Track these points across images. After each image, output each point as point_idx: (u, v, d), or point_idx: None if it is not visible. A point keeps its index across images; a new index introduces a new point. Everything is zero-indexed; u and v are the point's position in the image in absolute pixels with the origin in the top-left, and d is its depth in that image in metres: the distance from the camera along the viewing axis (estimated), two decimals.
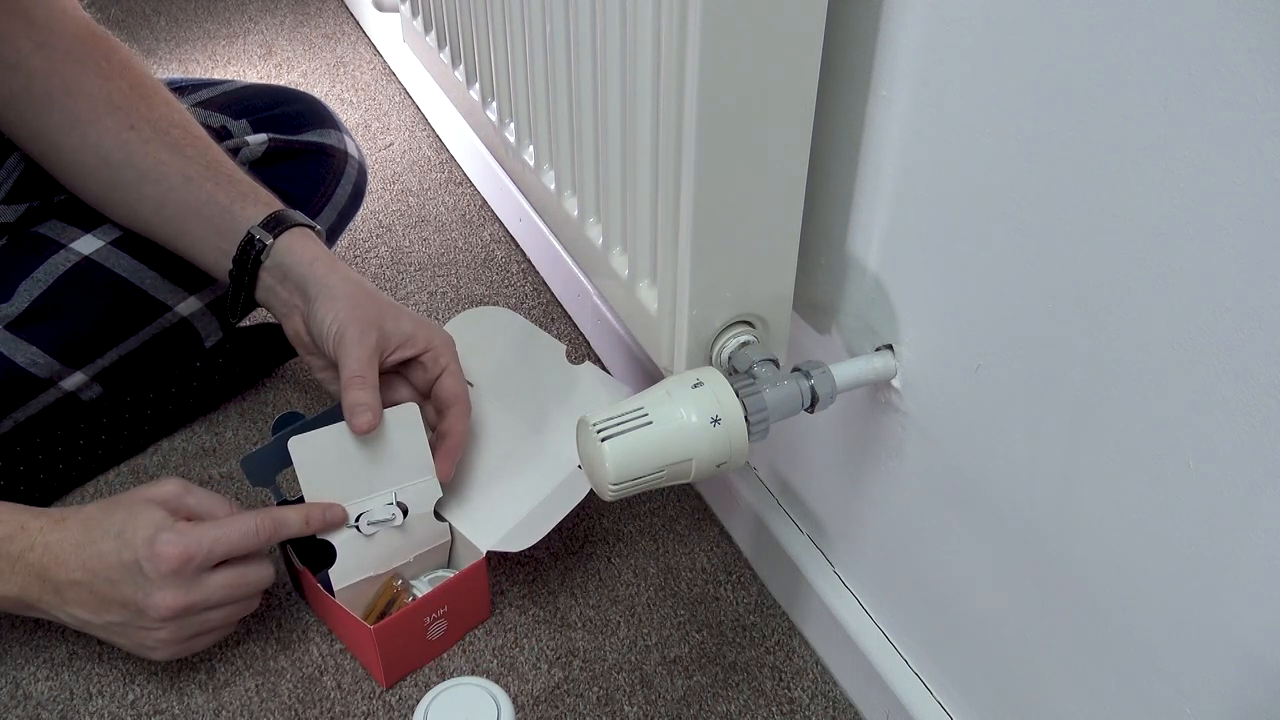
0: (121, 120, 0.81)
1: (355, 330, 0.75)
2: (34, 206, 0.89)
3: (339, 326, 0.75)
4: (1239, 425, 0.42)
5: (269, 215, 0.80)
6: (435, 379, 0.78)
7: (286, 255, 0.79)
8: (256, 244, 0.79)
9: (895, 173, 0.57)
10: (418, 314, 0.79)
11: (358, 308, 0.76)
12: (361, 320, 0.75)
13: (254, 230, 0.79)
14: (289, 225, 0.80)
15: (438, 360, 0.78)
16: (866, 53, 0.56)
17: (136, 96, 0.83)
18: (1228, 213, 0.40)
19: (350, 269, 0.79)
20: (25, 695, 0.77)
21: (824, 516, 0.77)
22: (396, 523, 0.76)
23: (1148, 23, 0.41)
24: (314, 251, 0.79)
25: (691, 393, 0.57)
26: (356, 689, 0.77)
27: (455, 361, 0.79)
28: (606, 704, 0.77)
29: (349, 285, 0.77)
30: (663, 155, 0.56)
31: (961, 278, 0.55)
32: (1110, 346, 0.48)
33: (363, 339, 0.75)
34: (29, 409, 0.87)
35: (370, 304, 0.76)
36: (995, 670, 0.64)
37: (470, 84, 0.85)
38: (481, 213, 1.23)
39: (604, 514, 0.91)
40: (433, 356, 0.78)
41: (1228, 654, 0.47)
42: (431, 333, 0.79)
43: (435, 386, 0.78)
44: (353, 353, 0.74)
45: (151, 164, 0.81)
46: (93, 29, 0.84)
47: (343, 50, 1.54)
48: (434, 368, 0.78)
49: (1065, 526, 0.54)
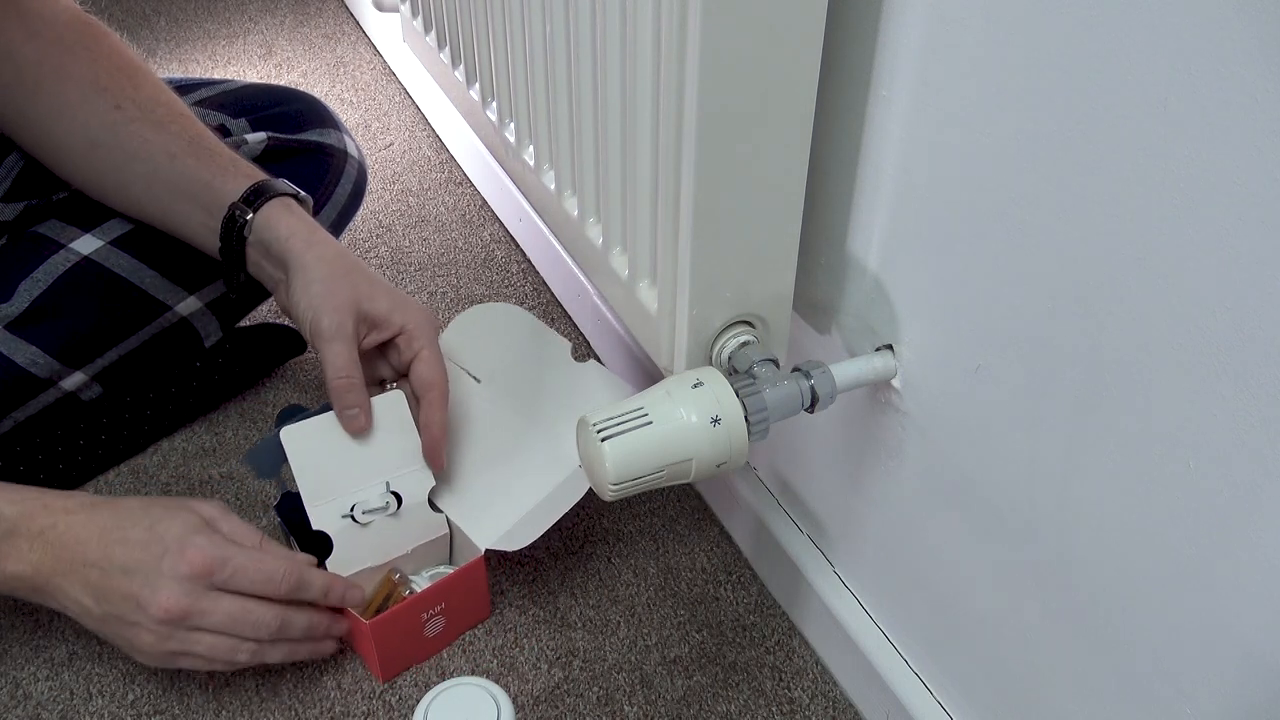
0: (108, 101, 0.81)
1: (330, 319, 0.74)
2: (33, 205, 0.89)
3: (313, 314, 0.75)
4: (1239, 425, 0.42)
5: (249, 188, 0.79)
6: (409, 362, 0.78)
7: (266, 230, 0.78)
8: (238, 220, 0.78)
9: (895, 173, 0.57)
10: (396, 290, 0.78)
11: (331, 293, 0.75)
12: (336, 306, 0.74)
13: (235, 205, 0.79)
14: (269, 196, 0.79)
15: (411, 343, 0.78)
16: (866, 53, 0.56)
17: (123, 77, 0.82)
18: (1227, 213, 0.40)
19: (328, 238, 0.78)
20: (25, 695, 0.77)
21: (824, 516, 0.77)
22: (391, 511, 0.76)
23: (1148, 23, 0.41)
24: (290, 225, 0.78)
25: (691, 393, 0.57)
26: (356, 689, 0.77)
27: (431, 344, 0.78)
28: (606, 704, 0.77)
29: (323, 264, 0.76)
30: (663, 155, 0.56)
31: (961, 278, 0.55)
32: (1110, 346, 0.48)
33: (339, 330, 0.74)
34: (29, 409, 0.87)
35: (345, 284, 0.75)
36: (995, 670, 0.64)
37: (470, 84, 0.85)
38: (481, 213, 1.23)
39: (604, 514, 0.91)
40: (407, 339, 0.78)
41: (1228, 654, 0.47)
42: (407, 314, 0.78)
43: (411, 372, 0.78)
44: (332, 348, 0.74)
45: (138, 143, 0.81)
46: (82, 16, 0.84)
47: (343, 50, 1.54)
48: (408, 351, 0.78)
49: (1065, 526, 0.54)
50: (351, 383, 0.74)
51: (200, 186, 0.81)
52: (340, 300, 0.75)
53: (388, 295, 0.77)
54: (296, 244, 0.77)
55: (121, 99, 0.82)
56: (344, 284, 0.76)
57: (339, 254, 0.77)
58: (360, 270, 0.78)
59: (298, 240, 0.77)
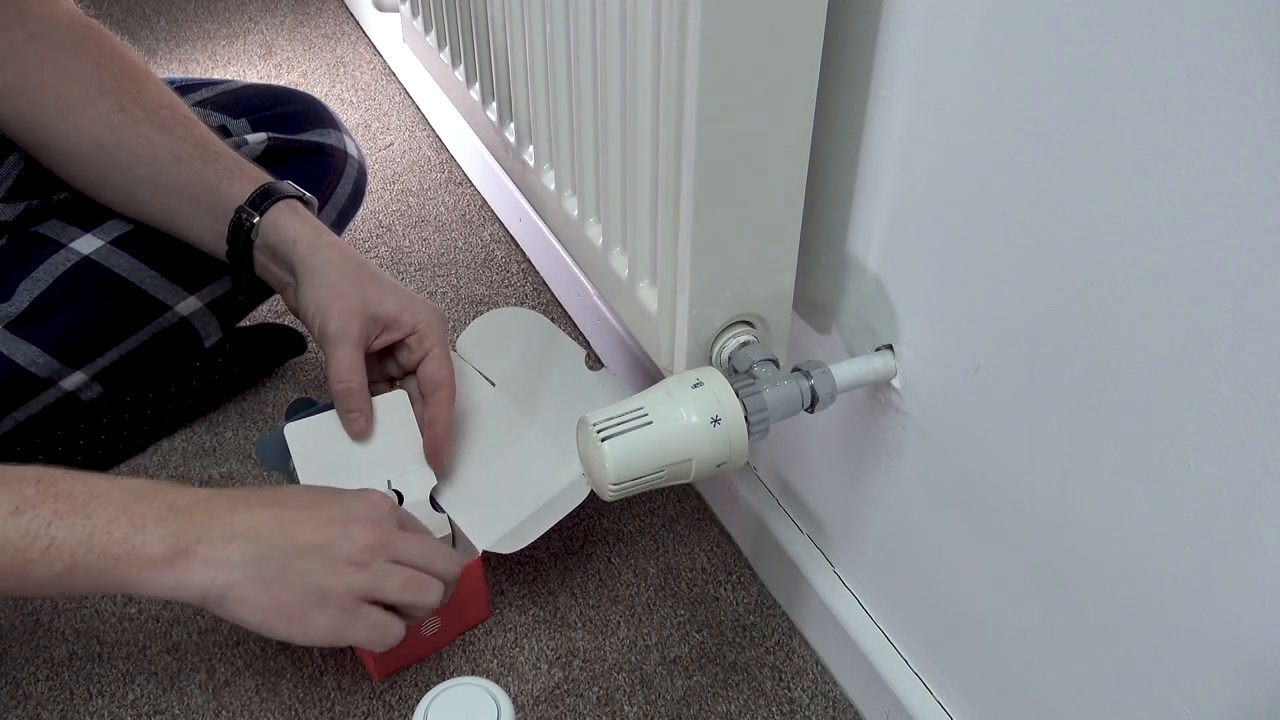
0: (112, 103, 0.81)
1: (337, 323, 0.75)
2: (33, 205, 0.89)
3: (321, 318, 0.75)
4: (1239, 425, 0.42)
5: (255, 191, 0.79)
6: (419, 360, 0.78)
7: (272, 233, 0.78)
8: (245, 224, 0.79)
9: (895, 173, 0.57)
10: (404, 290, 0.79)
11: (339, 296, 0.75)
12: (344, 310, 0.75)
13: (242, 209, 0.79)
14: (275, 199, 0.79)
15: (422, 342, 0.78)
16: (866, 53, 0.56)
17: (127, 79, 0.82)
18: (1227, 213, 0.40)
19: (335, 240, 0.78)
20: (25, 695, 0.77)
21: (824, 516, 0.77)
22: None
23: (1148, 23, 0.41)
24: (296, 230, 0.78)
25: (691, 393, 0.57)
26: (356, 689, 0.77)
27: (441, 344, 0.78)
28: (606, 704, 0.77)
29: (331, 268, 0.76)
30: (663, 155, 0.56)
31: (961, 278, 0.55)
32: (1110, 346, 0.48)
33: (345, 334, 0.74)
34: (29, 409, 0.87)
35: (353, 286, 0.76)
36: (995, 670, 0.64)
37: (470, 84, 0.85)
38: (481, 213, 1.23)
39: (604, 514, 0.91)
40: (418, 339, 0.78)
41: (1228, 654, 0.47)
42: (418, 313, 0.78)
43: (419, 369, 0.78)
44: (337, 353, 0.74)
45: (144, 145, 0.81)
46: (83, 19, 0.84)
47: (343, 50, 1.54)
48: (419, 350, 0.78)
49: (1065, 526, 0.54)
50: (351, 387, 0.74)
51: (206, 190, 0.81)
52: (347, 304, 0.75)
53: (396, 295, 0.77)
54: (303, 247, 0.77)
55: (125, 101, 0.82)
56: (351, 287, 0.76)
57: (346, 256, 0.77)
58: (368, 271, 0.78)
59: (304, 244, 0.77)
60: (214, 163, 0.81)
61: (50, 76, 0.81)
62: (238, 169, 0.82)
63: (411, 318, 0.77)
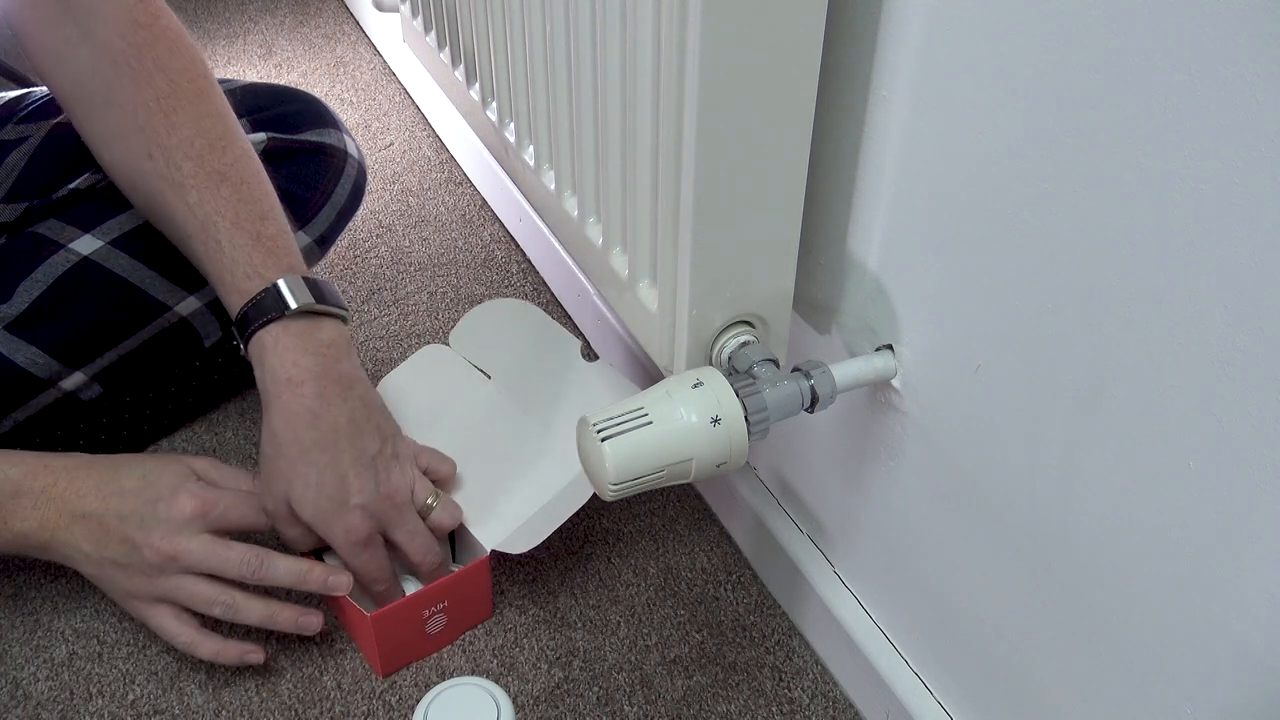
0: (142, 145, 0.77)
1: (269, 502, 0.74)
2: (33, 205, 0.89)
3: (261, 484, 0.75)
4: (1239, 425, 0.42)
5: (240, 313, 0.74)
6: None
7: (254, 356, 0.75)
8: (235, 344, 0.77)
9: (895, 173, 0.57)
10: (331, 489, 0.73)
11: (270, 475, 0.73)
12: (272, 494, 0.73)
13: (235, 323, 0.75)
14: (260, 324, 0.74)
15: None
16: (866, 53, 0.56)
17: (160, 113, 0.77)
18: (1228, 213, 0.40)
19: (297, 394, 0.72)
20: (25, 695, 0.77)
21: (824, 516, 0.77)
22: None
23: (1148, 23, 0.41)
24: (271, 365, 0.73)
25: (691, 393, 0.57)
26: (356, 689, 0.77)
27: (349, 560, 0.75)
28: (606, 704, 0.77)
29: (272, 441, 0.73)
30: (663, 155, 0.56)
31: (961, 278, 0.55)
32: (1110, 347, 0.48)
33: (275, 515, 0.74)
34: (29, 409, 0.87)
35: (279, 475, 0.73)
36: (995, 670, 0.64)
37: (470, 84, 0.85)
38: (481, 213, 1.23)
39: (604, 514, 0.91)
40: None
41: (1228, 654, 0.47)
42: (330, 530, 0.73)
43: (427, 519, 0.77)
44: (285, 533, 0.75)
45: (162, 205, 0.78)
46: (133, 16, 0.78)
47: (343, 50, 1.54)
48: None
49: (1065, 527, 0.54)
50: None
51: (213, 278, 0.77)
52: (274, 490, 0.73)
53: (314, 504, 0.73)
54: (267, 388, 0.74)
55: (153, 146, 0.77)
56: (279, 474, 0.73)
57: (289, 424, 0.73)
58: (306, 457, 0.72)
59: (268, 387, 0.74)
60: (216, 254, 0.76)
61: (98, 92, 0.78)
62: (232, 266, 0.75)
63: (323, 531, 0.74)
